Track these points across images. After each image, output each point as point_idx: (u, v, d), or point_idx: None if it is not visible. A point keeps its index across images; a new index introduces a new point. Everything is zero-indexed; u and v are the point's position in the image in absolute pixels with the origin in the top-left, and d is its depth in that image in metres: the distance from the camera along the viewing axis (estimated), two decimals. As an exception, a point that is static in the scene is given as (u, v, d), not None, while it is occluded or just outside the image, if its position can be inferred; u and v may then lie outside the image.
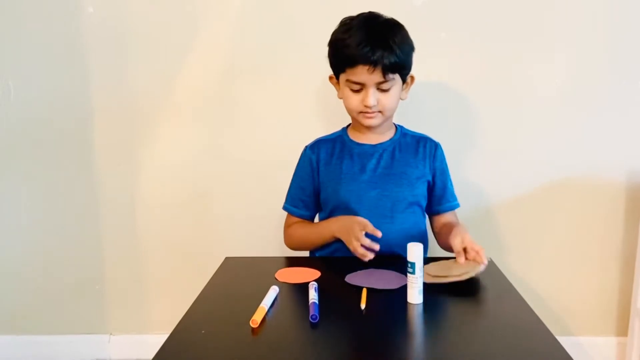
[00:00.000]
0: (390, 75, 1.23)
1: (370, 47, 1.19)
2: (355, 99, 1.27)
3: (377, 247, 1.17)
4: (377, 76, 1.22)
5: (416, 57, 1.30)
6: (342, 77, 1.28)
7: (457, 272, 1.06)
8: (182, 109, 1.74)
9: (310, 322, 0.92)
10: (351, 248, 1.19)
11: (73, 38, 1.71)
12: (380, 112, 1.27)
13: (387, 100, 1.26)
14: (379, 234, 1.17)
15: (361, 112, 1.28)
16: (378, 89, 1.25)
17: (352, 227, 1.19)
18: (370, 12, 1.28)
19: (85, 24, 1.70)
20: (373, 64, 1.19)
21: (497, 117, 1.70)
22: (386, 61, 1.20)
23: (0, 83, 1.73)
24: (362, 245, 1.17)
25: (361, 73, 1.22)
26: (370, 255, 1.17)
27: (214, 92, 1.73)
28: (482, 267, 1.07)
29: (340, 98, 1.35)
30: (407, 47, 1.26)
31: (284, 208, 1.43)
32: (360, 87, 1.25)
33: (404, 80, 1.30)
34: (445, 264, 1.15)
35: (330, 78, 1.36)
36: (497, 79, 1.68)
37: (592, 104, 1.69)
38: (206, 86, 1.72)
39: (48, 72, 1.73)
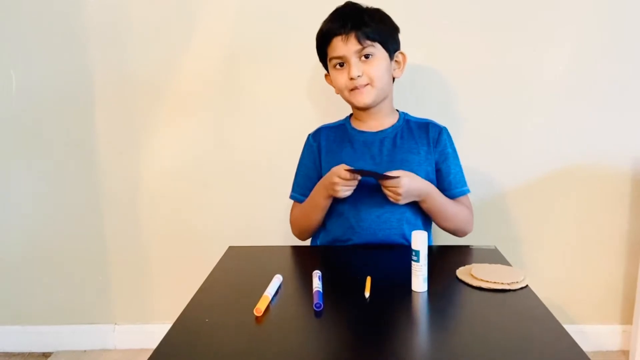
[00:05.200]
0: (368, 42, 1.24)
1: (341, 19, 1.25)
2: (342, 77, 1.27)
3: (358, 176, 1.20)
4: (353, 44, 1.23)
5: (418, 44, 1.28)
6: (329, 63, 1.30)
7: (508, 280, 1.01)
8: (184, 98, 1.73)
9: (314, 310, 0.92)
10: (340, 195, 1.21)
11: (74, 27, 1.70)
12: (369, 84, 1.26)
13: (372, 69, 1.25)
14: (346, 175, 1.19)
15: (351, 90, 1.27)
16: (361, 60, 1.25)
17: (330, 178, 1.21)
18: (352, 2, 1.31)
19: (86, 13, 1.69)
20: (345, 32, 1.23)
21: (502, 105, 1.69)
22: (357, 27, 1.23)
23: (2, 73, 1.73)
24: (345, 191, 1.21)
25: (337, 45, 1.25)
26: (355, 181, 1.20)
27: (217, 80, 1.72)
28: (526, 281, 1.03)
29: (338, 94, 1.35)
30: (383, 18, 1.29)
31: (292, 197, 1.40)
32: (343, 63, 1.26)
33: (391, 56, 1.29)
34: (489, 268, 1.08)
35: (326, 77, 1.37)
36: (501, 66, 1.67)
37: (598, 92, 1.67)
38: (209, 74, 1.71)
39: (49, 61, 1.72)
